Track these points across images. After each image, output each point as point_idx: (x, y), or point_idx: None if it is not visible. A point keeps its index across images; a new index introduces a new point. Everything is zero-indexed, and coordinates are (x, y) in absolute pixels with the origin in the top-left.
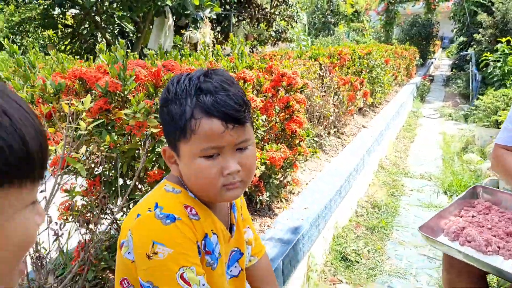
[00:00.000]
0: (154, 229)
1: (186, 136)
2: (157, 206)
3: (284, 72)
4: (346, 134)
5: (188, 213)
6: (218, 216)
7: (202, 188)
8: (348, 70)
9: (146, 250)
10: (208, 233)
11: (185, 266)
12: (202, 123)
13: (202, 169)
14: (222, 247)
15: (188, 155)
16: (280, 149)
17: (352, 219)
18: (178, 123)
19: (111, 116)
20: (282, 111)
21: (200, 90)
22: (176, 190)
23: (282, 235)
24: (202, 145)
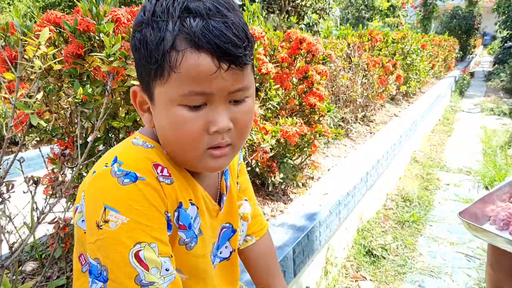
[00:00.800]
0: (107, 189)
1: (163, 74)
2: (115, 161)
3: (303, 37)
4: (376, 122)
5: (157, 173)
6: (202, 183)
7: (179, 148)
8: (379, 52)
9: (96, 217)
10: (183, 202)
11: (143, 241)
12: (187, 57)
13: (181, 121)
14: (205, 222)
15: (164, 101)
16: (295, 124)
17: (380, 212)
18: (153, 55)
19: (88, 65)
20: (300, 82)
21: (187, 11)
22: (147, 144)
23: (296, 220)
24: (183, 88)
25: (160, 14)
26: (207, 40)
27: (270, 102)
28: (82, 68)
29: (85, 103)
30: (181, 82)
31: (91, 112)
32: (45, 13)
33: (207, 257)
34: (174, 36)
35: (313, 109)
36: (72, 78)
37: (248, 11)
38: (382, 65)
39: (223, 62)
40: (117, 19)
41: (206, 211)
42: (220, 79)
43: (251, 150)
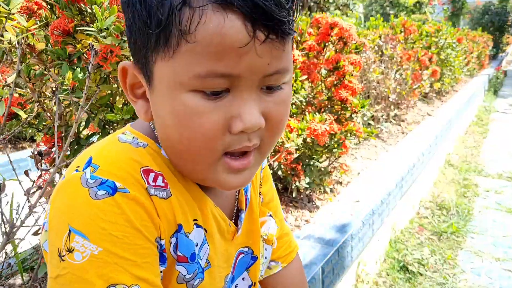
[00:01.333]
0: (74, 204)
1: (169, 43)
2: (89, 164)
3: (335, 22)
4: (408, 121)
5: (147, 183)
6: (214, 196)
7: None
8: (413, 44)
9: (58, 243)
10: (184, 224)
11: (119, 283)
12: (207, 18)
13: (193, 112)
14: (215, 249)
15: (169, 84)
16: (325, 121)
17: (414, 221)
18: (155, 13)
19: (79, 45)
20: (330, 74)
21: None
22: (139, 142)
23: (324, 233)
24: (199, 66)
25: None
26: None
27: (295, 95)
28: (73, 48)
29: (74, 90)
30: (195, 56)
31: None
32: None
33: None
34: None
35: (345, 104)
36: (60, 61)
37: None
38: (417, 59)
39: (260, 29)
40: None
41: (218, 234)
42: (253, 55)
43: (273, 150)
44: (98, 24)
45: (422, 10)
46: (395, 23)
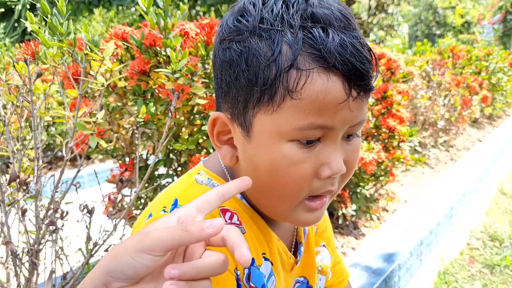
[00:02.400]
0: None
1: (274, 98)
2: (175, 205)
3: (383, 53)
4: (457, 147)
5: (225, 221)
6: (278, 231)
7: (275, 194)
8: (462, 70)
9: None
10: (255, 257)
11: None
12: (313, 79)
13: (291, 162)
14: (280, 281)
15: (270, 135)
16: (372, 149)
17: (464, 252)
18: (260, 73)
19: (152, 82)
20: (377, 103)
21: (313, 20)
22: (214, 183)
23: (371, 261)
24: (302, 119)
25: (272, 21)
26: (342, 59)
27: None
28: (147, 85)
29: (147, 122)
30: (299, 110)
31: (154, 132)
32: (113, 28)
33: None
34: (296, 51)
35: (392, 133)
36: (135, 96)
37: None
38: (466, 85)
39: (354, 88)
40: (185, 33)
41: (281, 266)
42: (347, 110)
43: None
44: (173, 66)
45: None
46: (442, 48)
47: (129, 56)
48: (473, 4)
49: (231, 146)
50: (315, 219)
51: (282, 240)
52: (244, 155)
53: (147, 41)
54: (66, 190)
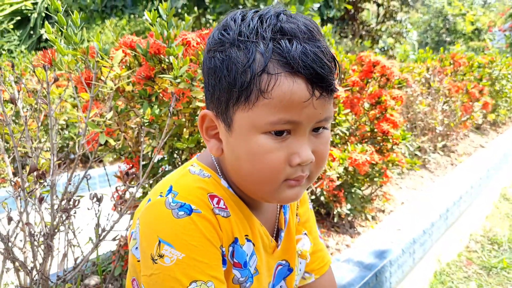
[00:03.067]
0: (161, 221)
1: (249, 98)
2: (170, 191)
3: (377, 60)
4: (458, 152)
5: (213, 205)
6: (260, 217)
7: (256, 179)
8: (463, 77)
9: (150, 250)
10: (239, 237)
11: (198, 280)
12: (281, 82)
13: (264, 150)
14: (261, 260)
15: (246, 128)
16: (365, 151)
17: (462, 254)
18: (238, 77)
19: (157, 87)
20: (372, 108)
21: (281, 33)
22: (204, 173)
23: (363, 257)
24: (272, 115)
25: (248, 34)
26: (304, 64)
27: (338, 127)
28: (152, 89)
29: (151, 123)
30: (270, 108)
31: (157, 132)
32: (122, 37)
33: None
34: (267, 59)
35: (386, 136)
36: (141, 99)
37: None
38: (466, 91)
39: (317, 89)
40: (187, 42)
41: (262, 248)
42: (311, 107)
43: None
44: (175, 72)
45: (481, 37)
46: (444, 56)
47: (137, 63)
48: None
49: (217, 140)
50: (295, 195)
51: (264, 226)
52: (227, 146)
53: (152, 50)
54: (78, 183)
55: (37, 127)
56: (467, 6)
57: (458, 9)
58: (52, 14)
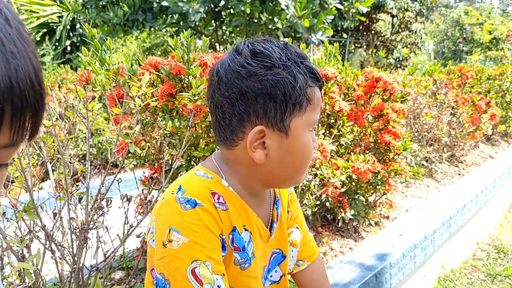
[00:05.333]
0: (172, 213)
1: (302, 107)
2: (180, 189)
3: (379, 76)
4: (467, 163)
5: (214, 200)
6: (257, 211)
7: (303, 165)
8: (471, 89)
9: (162, 237)
10: (237, 226)
11: (198, 259)
12: (315, 91)
13: (308, 141)
14: (257, 246)
15: (302, 129)
16: (367, 161)
17: (467, 262)
18: (292, 93)
19: (177, 102)
20: (375, 120)
21: (300, 56)
22: (207, 175)
23: (365, 259)
24: (315, 115)
25: (285, 59)
26: (317, 78)
27: (342, 138)
28: (173, 105)
29: (172, 134)
30: (313, 110)
31: (177, 142)
32: (148, 58)
33: (258, 279)
34: (306, 76)
35: (388, 147)
36: (164, 113)
37: (325, 51)
38: (473, 103)
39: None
40: (204, 64)
41: (259, 236)
42: None
43: (321, 184)
44: (193, 91)
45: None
46: (452, 69)
47: (160, 81)
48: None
49: (262, 149)
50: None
51: (260, 218)
52: (280, 149)
53: (174, 71)
54: (109, 185)
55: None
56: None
57: (476, 18)
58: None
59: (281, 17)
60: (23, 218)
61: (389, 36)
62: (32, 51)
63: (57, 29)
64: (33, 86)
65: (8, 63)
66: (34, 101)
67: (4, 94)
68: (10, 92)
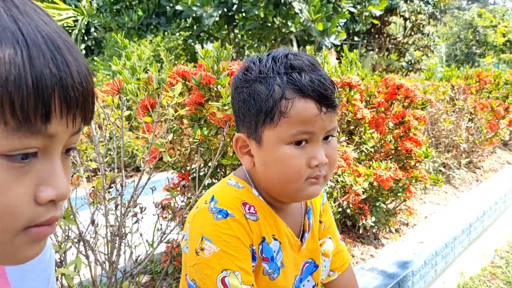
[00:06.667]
0: (205, 223)
1: (273, 119)
2: (212, 199)
3: (401, 83)
4: (484, 169)
5: (245, 211)
6: (287, 220)
7: (283, 181)
8: (489, 94)
9: (195, 245)
10: (266, 237)
11: (228, 269)
12: (296, 104)
13: (289, 157)
14: (287, 255)
15: (273, 142)
16: (389, 168)
17: (486, 269)
18: (263, 105)
19: (205, 111)
20: (396, 127)
21: (291, 68)
22: (239, 185)
23: (387, 267)
24: (292, 129)
25: (266, 71)
26: (312, 89)
27: (364, 145)
28: (201, 113)
29: (201, 142)
30: (290, 124)
31: (206, 150)
32: (175, 67)
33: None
34: (283, 88)
35: (409, 154)
36: (192, 122)
37: (346, 58)
38: (491, 109)
39: (323, 106)
40: (231, 73)
41: (289, 246)
42: (321, 121)
43: (343, 191)
44: (223, 100)
45: None
46: (469, 74)
47: (186, 89)
48: None
49: (249, 155)
50: (316, 190)
51: (290, 228)
52: (259, 158)
53: (204, 81)
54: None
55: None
56: (499, 18)
57: (489, 21)
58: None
59: (294, 21)
60: (61, 224)
61: (401, 39)
62: (73, 48)
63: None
64: (81, 82)
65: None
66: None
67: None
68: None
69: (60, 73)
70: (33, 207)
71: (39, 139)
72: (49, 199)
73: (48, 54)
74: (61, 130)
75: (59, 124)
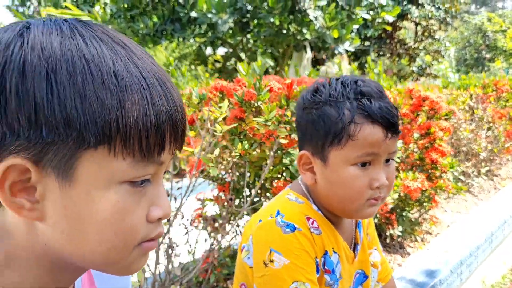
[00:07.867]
0: (273, 236)
1: (340, 141)
2: (278, 213)
3: (426, 95)
4: (502, 176)
5: (309, 225)
6: (342, 234)
7: (345, 200)
8: (506, 103)
9: (263, 257)
10: (328, 250)
11: (299, 280)
12: (364, 128)
13: (353, 177)
14: (344, 267)
15: (339, 162)
16: (417, 179)
17: (506, 277)
18: (332, 127)
19: (244, 125)
20: (422, 138)
21: (361, 94)
22: (299, 200)
23: (415, 276)
24: (359, 152)
25: (336, 95)
26: (381, 116)
27: None
28: (241, 128)
29: (242, 156)
30: (357, 147)
31: (247, 164)
32: (214, 82)
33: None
34: (353, 113)
35: (435, 165)
36: (233, 136)
37: (370, 70)
38: (509, 118)
39: (389, 132)
40: (271, 89)
41: (345, 258)
42: (385, 144)
43: None
44: (266, 117)
45: None
46: (486, 82)
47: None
48: None
49: (311, 172)
50: (372, 212)
51: (345, 241)
52: (322, 176)
53: (246, 97)
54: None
55: None
56: (508, 22)
57: (499, 26)
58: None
59: (309, 28)
60: None
61: (412, 44)
62: (172, 84)
63: None
64: (182, 114)
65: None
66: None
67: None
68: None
69: (171, 109)
70: (146, 225)
71: (154, 167)
72: (158, 218)
73: (162, 94)
74: (168, 158)
75: (168, 153)
